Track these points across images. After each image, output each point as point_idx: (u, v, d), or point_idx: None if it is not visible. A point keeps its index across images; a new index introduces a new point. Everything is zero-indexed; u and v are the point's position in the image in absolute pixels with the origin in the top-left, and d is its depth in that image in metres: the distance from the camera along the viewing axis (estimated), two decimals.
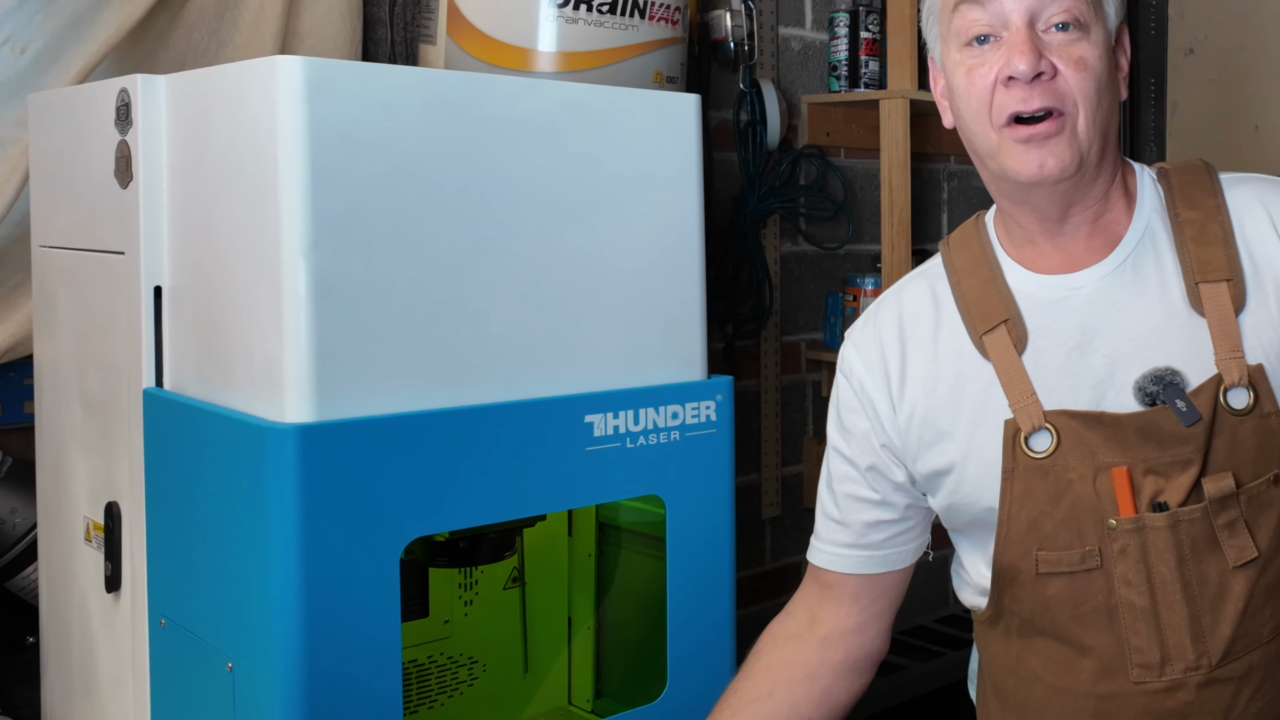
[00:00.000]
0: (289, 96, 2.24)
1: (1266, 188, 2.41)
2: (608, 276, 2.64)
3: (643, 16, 3.70)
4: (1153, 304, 2.33)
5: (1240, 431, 2.26)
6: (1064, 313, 2.36)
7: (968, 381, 2.41)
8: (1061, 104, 2.23)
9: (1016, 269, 2.43)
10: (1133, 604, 2.26)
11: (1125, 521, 2.24)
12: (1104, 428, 2.26)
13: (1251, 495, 2.26)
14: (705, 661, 2.77)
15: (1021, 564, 2.33)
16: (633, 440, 2.65)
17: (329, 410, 2.28)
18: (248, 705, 2.33)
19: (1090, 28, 2.25)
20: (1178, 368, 2.27)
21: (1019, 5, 2.22)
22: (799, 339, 5.24)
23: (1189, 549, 2.24)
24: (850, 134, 5.26)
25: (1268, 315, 2.29)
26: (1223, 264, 2.31)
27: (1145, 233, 2.38)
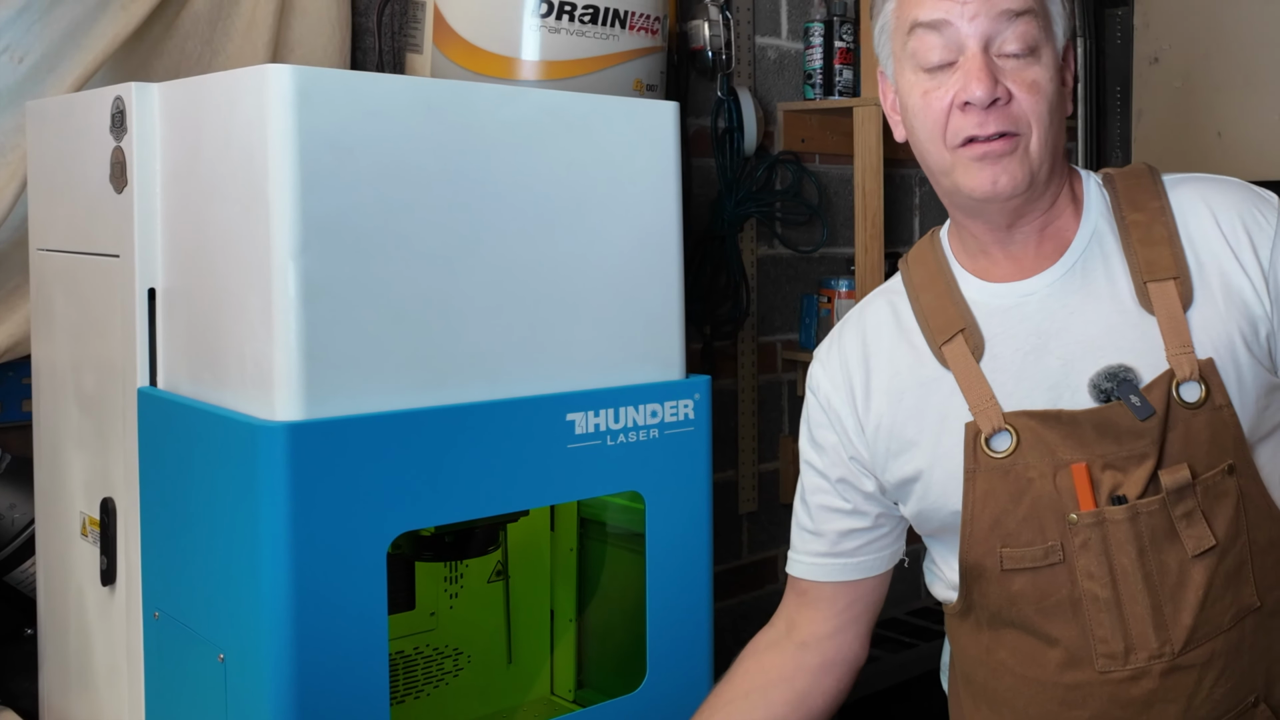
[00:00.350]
0: (279, 104, 2.25)
1: (1208, 186, 2.44)
2: (589, 278, 2.65)
3: (623, 26, 3.71)
4: (1103, 305, 2.36)
5: (1194, 424, 2.28)
6: (1018, 319, 2.39)
7: (930, 391, 2.43)
8: (1016, 127, 2.25)
9: (971, 280, 2.45)
10: (1096, 596, 2.28)
11: (1086, 516, 2.26)
12: (1062, 426, 2.29)
13: (1207, 486, 2.28)
14: (683, 653, 2.77)
15: (986, 561, 2.35)
16: (613, 438, 2.65)
17: (318, 409, 2.28)
18: (239, 695, 2.33)
19: (1041, 51, 2.28)
20: (1130, 365, 2.30)
21: (975, 32, 2.24)
22: (775, 339, 5.25)
23: (1148, 540, 2.26)
24: (825, 140, 5.27)
25: (1215, 310, 2.32)
26: (1169, 263, 2.34)
27: (1093, 237, 2.41)
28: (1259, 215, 2.38)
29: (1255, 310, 2.33)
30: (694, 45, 4.69)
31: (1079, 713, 2.33)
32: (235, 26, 3.55)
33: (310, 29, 3.67)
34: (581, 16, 3.61)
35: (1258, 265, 2.34)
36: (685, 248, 2.84)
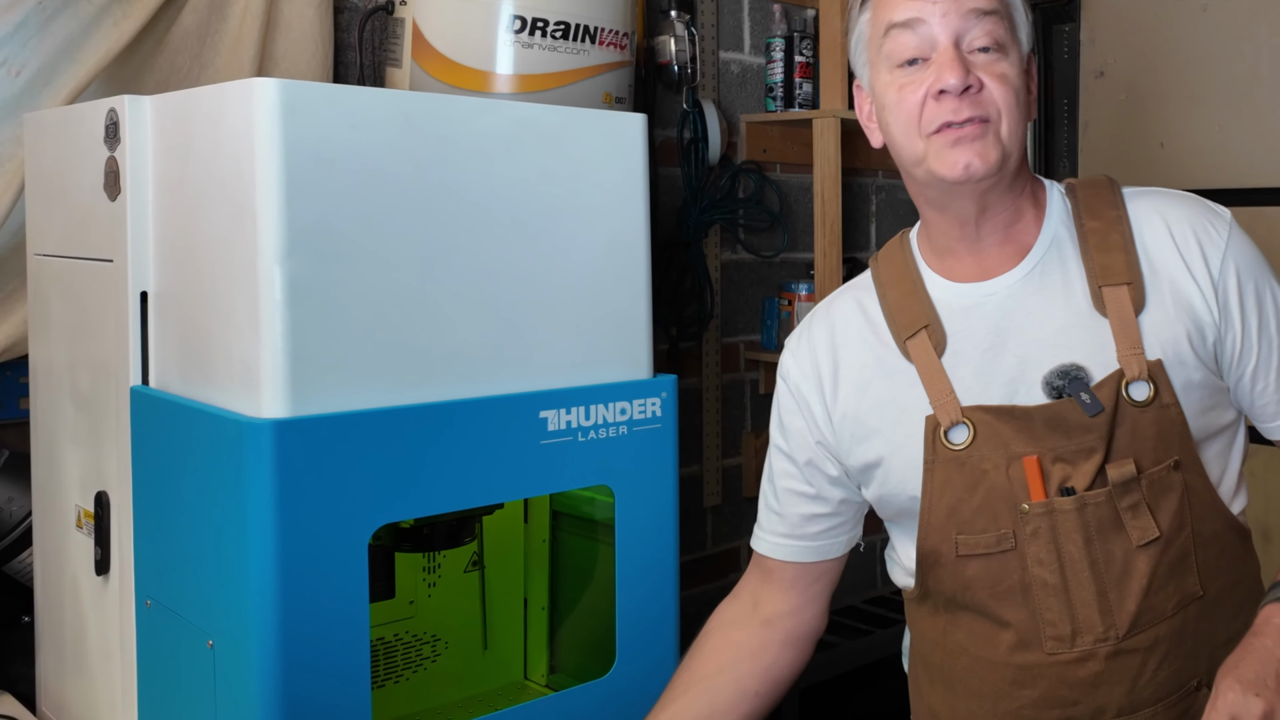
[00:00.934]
0: (265, 116, 2.25)
1: (1164, 199, 2.46)
2: (561, 282, 2.65)
3: (593, 42, 3.71)
4: (1058, 306, 2.38)
5: (1141, 421, 2.30)
6: (979, 317, 2.41)
7: (893, 383, 2.45)
8: (986, 113, 2.28)
9: (936, 279, 2.47)
10: (1045, 581, 2.30)
11: (1036, 506, 2.29)
12: (1015, 420, 2.31)
13: (1153, 480, 2.30)
14: (651, 639, 2.78)
15: (943, 547, 2.38)
16: (584, 434, 2.66)
17: (302, 406, 2.29)
18: (227, 680, 2.33)
19: (1008, 50, 2.32)
20: (1082, 364, 2.32)
21: (946, 28, 2.27)
22: (738, 340, 5.25)
23: (1095, 530, 2.28)
24: (786, 150, 5.28)
25: (1165, 315, 2.34)
26: (1123, 269, 2.36)
27: (1052, 242, 2.44)
28: (1210, 229, 2.41)
29: (1203, 317, 2.35)
30: (661, 59, 4.69)
31: (1029, 692, 2.35)
32: (223, 42, 3.55)
33: (295, 44, 3.67)
34: (553, 32, 3.62)
35: (1207, 275, 2.37)
36: (653, 253, 2.85)
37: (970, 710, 2.48)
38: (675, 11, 4.71)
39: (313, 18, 3.69)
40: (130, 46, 3.34)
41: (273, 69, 3.63)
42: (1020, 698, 2.37)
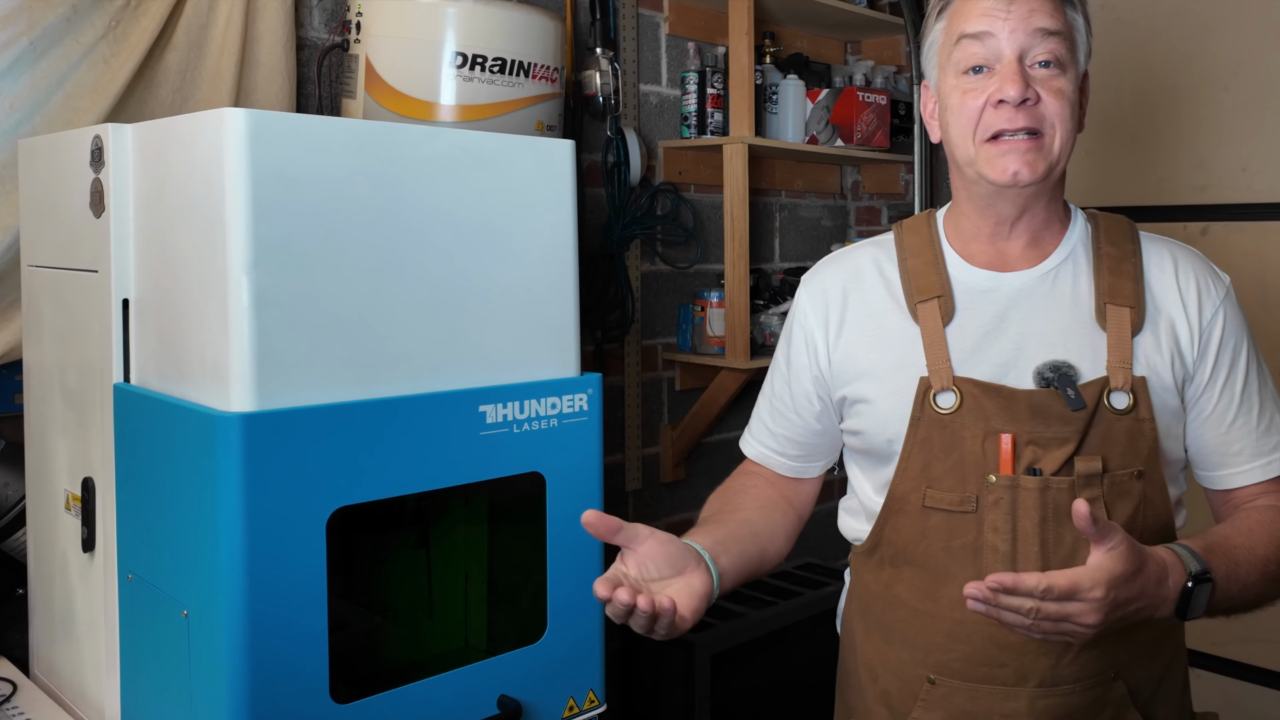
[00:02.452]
0: (234, 142, 2.25)
1: (1176, 247, 2.52)
2: (498, 290, 2.66)
3: (527, 76, 3.73)
4: (1065, 311, 2.41)
5: (1116, 428, 2.32)
6: (989, 301, 2.44)
7: (897, 337, 2.48)
8: (1040, 125, 2.33)
9: (957, 259, 2.51)
10: (996, 548, 2.32)
11: (1003, 479, 2.31)
12: (1001, 399, 2.34)
13: (1115, 481, 2.32)
14: (577, 610, 2.78)
15: (912, 495, 2.40)
16: (518, 426, 2.66)
17: (267, 401, 2.29)
18: (200, 646, 2.33)
19: (1067, 67, 2.35)
20: (1074, 364, 2.35)
21: (1012, 43, 2.31)
22: (656, 342, 5.26)
23: (1051, 512, 2.30)
24: (699, 173, 5.29)
25: (1156, 343, 2.38)
26: (1130, 293, 2.40)
27: (1070, 255, 2.47)
28: (1211, 284, 2.46)
29: (1186, 354, 2.40)
30: (587, 91, 4.70)
31: (962, 647, 2.37)
32: (202, 77, 3.55)
33: (264, 78, 3.67)
34: (491, 67, 3.63)
35: (1199, 320, 2.41)
36: (580, 264, 2.85)
37: (903, 660, 2.49)
38: (600, 49, 4.73)
39: (280, 55, 3.70)
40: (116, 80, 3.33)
41: (245, 100, 3.63)
42: (952, 651, 2.38)
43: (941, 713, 2.44)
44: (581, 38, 4.79)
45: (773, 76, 5.34)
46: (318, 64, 3.96)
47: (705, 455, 5.50)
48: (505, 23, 3.70)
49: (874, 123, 5.50)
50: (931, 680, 2.44)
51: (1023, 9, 2.33)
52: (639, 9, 5.08)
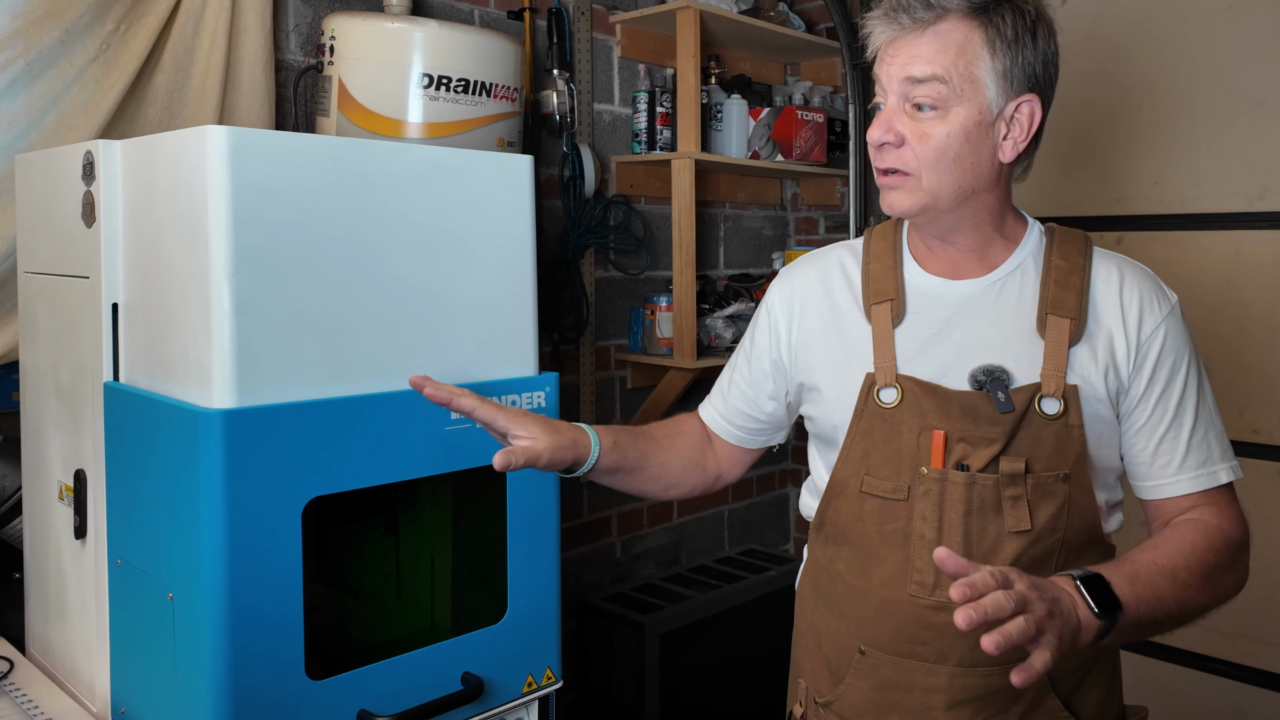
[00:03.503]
0: (215, 157, 2.25)
1: (1126, 265, 2.51)
2: (462, 295, 2.66)
3: (489, 96, 3.74)
4: (1008, 319, 2.42)
5: (1045, 431, 2.33)
6: (938, 306, 2.46)
7: (850, 334, 2.51)
8: (905, 166, 2.33)
9: (914, 265, 2.53)
10: (923, 535, 2.34)
11: (933, 472, 2.33)
12: (937, 397, 2.36)
13: (1040, 482, 2.33)
14: (536, 592, 2.79)
15: (851, 480, 2.43)
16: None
17: (247, 398, 2.29)
18: (184, 626, 2.34)
19: (949, 110, 2.30)
20: (1009, 369, 2.36)
21: (892, 88, 2.34)
22: (609, 344, 5.26)
23: (976, 506, 2.32)
24: (649, 186, 5.30)
25: (1092, 354, 2.38)
26: (1072, 305, 2.40)
27: (1020, 266, 2.47)
28: (1155, 302, 2.45)
29: (1122, 369, 2.39)
30: (545, 110, 4.71)
31: (889, 623, 2.39)
32: (188, 96, 3.55)
33: (245, 97, 3.68)
34: (456, 88, 3.64)
35: (1137, 335, 2.41)
36: (538, 271, 2.86)
37: (840, 630, 2.51)
38: (557, 70, 4.74)
39: (259, 75, 3.70)
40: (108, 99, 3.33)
41: (228, 118, 3.64)
42: (880, 626, 2.40)
43: (870, 680, 2.46)
44: (540, 60, 4.80)
45: (718, 96, 5.35)
46: (294, 84, 3.96)
47: None
48: (468, 46, 3.71)
49: (812, 139, 5.52)
50: (862, 651, 2.46)
51: (903, 57, 2.32)
52: (593, 33, 5.09)
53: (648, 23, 5.18)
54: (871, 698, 2.47)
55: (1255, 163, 4.57)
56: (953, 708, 2.40)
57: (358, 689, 2.49)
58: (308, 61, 4.01)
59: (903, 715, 2.44)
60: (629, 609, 4.98)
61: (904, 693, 2.43)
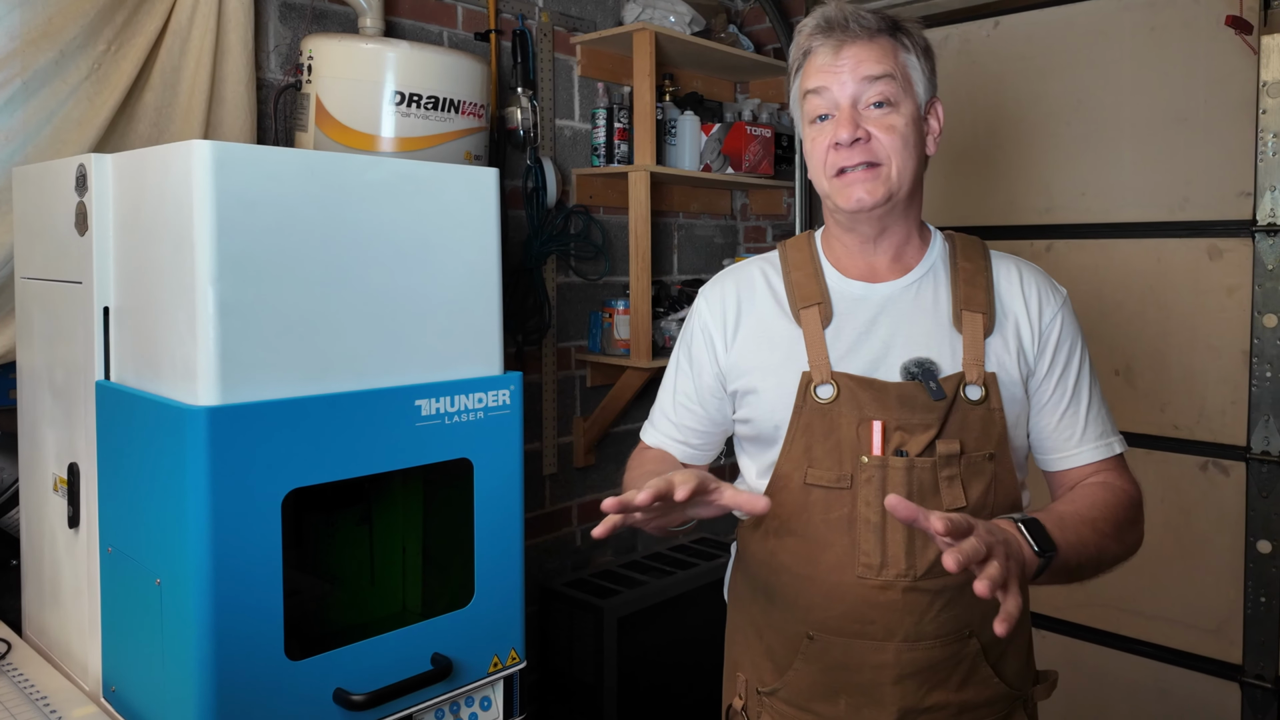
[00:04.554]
0: (201, 170, 2.26)
1: (1022, 263, 2.62)
2: (431, 299, 2.67)
3: (457, 112, 3.75)
4: (926, 316, 2.48)
5: (971, 416, 2.40)
6: (863, 307, 2.50)
7: (782, 338, 2.53)
8: (875, 158, 2.41)
9: (834, 272, 2.57)
10: (868, 520, 2.37)
11: (874, 459, 2.37)
12: (873, 390, 2.39)
13: (970, 461, 2.39)
14: (501, 578, 2.80)
15: (794, 474, 2.44)
16: (450, 418, 2.67)
17: (230, 396, 2.30)
18: (171, 609, 2.34)
19: (899, 104, 2.42)
20: (935, 361, 2.41)
21: (844, 93, 2.41)
22: (570, 345, 5.27)
23: (916, 489, 2.36)
24: (607, 197, 5.31)
25: (1004, 344, 2.47)
26: (982, 301, 2.48)
27: (931, 269, 2.54)
28: (1050, 294, 2.56)
29: (1028, 352, 2.49)
30: (510, 125, 4.72)
31: (838, 606, 2.41)
32: (176, 113, 3.55)
33: (229, 113, 3.68)
34: (426, 104, 3.66)
35: (1040, 323, 2.50)
36: (503, 276, 2.86)
37: (785, 619, 2.53)
38: (521, 88, 4.75)
39: (242, 93, 3.70)
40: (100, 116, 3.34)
41: (212, 133, 3.64)
42: (829, 610, 2.42)
43: (819, 664, 2.48)
44: (505, 79, 4.81)
45: (672, 112, 5.36)
46: (274, 101, 3.96)
47: (613, 444, 5.52)
48: (438, 66, 3.72)
49: (760, 153, 5.54)
50: (810, 636, 2.48)
51: (850, 62, 2.42)
52: (555, 53, 5.10)
53: (606, 44, 5.19)
54: (820, 680, 2.49)
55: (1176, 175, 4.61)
56: (900, 681, 2.43)
57: (334, 669, 2.49)
58: (287, 80, 4.01)
59: (852, 694, 2.46)
60: (588, 594, 4.99)
61: (853, 672, 2.45)
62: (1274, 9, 4.28)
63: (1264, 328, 4.40)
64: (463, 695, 2.76)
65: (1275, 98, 4.32)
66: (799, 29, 2.54)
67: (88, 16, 3.35)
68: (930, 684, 2.45)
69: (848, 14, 2.45)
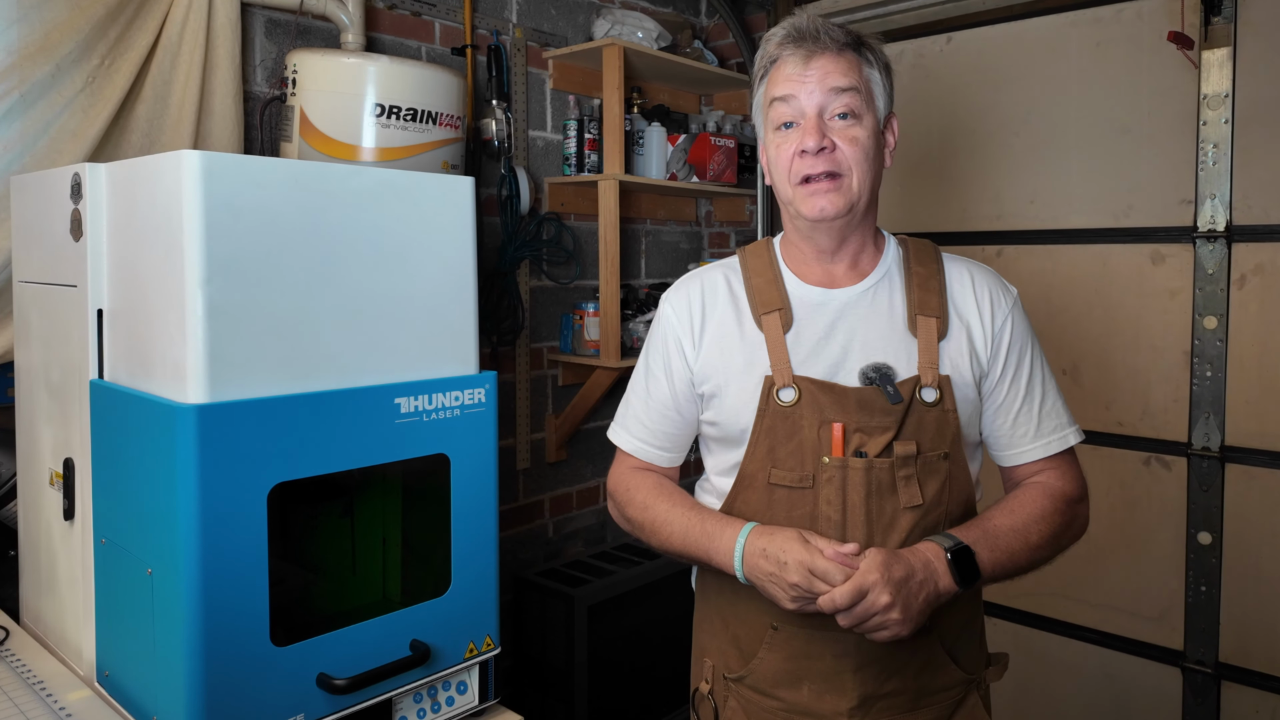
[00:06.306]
0: (190, 178, 2.25)
1: (974, 266, 2.64)
2: (410, 301, 2.66)
3: (434, 124, 3.76)
4: (883, 321, 2.50)
5: (926, 417, 2.42)
6: (822, 313, 2.51)
7: (745, 343, 2.54)
8: (839, 169, 2.42)
9: (793, 278, 2.58)
10: (829, 517, 2.39)
11: (835, 460, 2.38)
12: (833, 394, 2.41)
13: (926, 462, 2.41)
14: (477, 567, 2.79)
15: (759, 474, 2.46)
16: (427, 416, 2.67)
17: (218, 394, 2.29)
18: (162, 598, 2.33)
19: (863, 117, 2.44)
20: (892, 365, 2.43)
21: (811, 102, 2.42)
22: (543, 346, 5.28)
23: (874, 488, 2.38)
24: (578, 204, 5.32)
25: (957, 347, 2.48)
26: (936, 306, 2.50)
27: (886, 274, 2.56)
28: (1001, 296, 2.58)
29: (981, 355, 2.51)
30: (485, 136, 4.72)
31: None
32: (166, 124, 3.56)
33: (217, 125, 3.69)
34: (405, 116, 3.67)
35: (991, 328, 2.52)
36: (478, 280, 2.87)
37: (750, 610, 2.55)
38: (496, 100, 4.76)
39: (230, 105, 3.71)
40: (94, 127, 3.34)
41: (201, 143, 3.64)
42: None
43: (783, 653, 2.51)
44: (480, 91, 4.82)
45: (640, 124, 5.38)
46: (260, 113, 3.97)
47: (583, 440, 5.54)
48: (416, 79, 3.73)
49: (724, 162, 5.56)
50: (775, 627, 2.51)
51: (818, 73, 2.43)
52: (528, 67, 5.11)
53: (577, 58, 5.21)
54: (785, 668, 2.51)
55: (1120, 184, 4.65)
56: (860, 669, 2.46)
57: (317, 654, 2.49)
58: (273, 93, 4.02)
59: (814, 681, 2.49)
60: (560, 583, 5.01)
61: (815, 661, 2.48)
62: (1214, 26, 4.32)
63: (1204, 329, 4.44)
64: (440, 680, 2.76)
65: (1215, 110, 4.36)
66: (767, 38, 2.55)
67: (82, 32, 3.36)
68: (888, 671, 2.47)
69: (819, 26, 2.47)
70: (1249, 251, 4.33)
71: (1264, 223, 4.29)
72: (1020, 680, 5.03)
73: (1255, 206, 4.31)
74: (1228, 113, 4.31)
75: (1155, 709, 4.67)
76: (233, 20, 3.78)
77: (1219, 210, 4.36)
